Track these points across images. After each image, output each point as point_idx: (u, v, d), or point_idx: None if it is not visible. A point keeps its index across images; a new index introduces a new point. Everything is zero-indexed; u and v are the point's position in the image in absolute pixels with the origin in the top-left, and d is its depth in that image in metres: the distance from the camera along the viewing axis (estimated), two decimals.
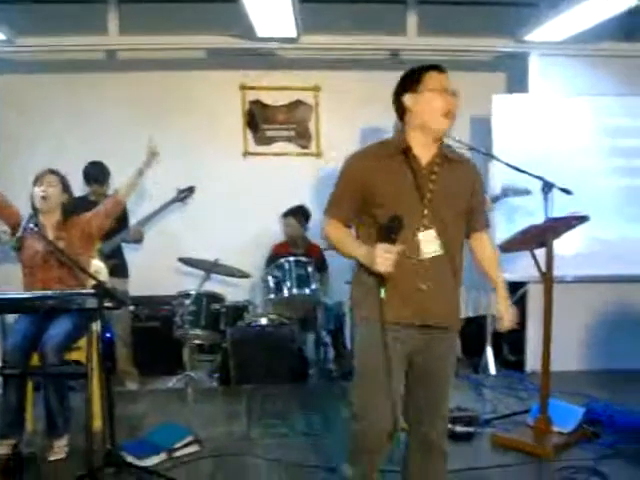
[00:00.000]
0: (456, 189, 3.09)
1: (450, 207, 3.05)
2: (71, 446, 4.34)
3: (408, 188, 3.00)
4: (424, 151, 3.05)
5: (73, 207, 4.76)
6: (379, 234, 2.87)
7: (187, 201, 6.25)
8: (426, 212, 3.00)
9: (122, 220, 6.03)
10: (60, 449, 4.29)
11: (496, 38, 6.31)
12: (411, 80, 3.06)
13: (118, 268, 5.84)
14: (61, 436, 4.31)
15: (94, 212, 4.83)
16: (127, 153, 6.43)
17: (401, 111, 3.10)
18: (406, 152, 3.04)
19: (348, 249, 3.07)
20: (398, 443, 3.16)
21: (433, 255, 3.00)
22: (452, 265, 3.10)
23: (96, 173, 5.99)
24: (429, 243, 3.00)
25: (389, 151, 3.07)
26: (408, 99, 3.04)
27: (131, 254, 6.23)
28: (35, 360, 4.33)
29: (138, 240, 6.17)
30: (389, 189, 3.00)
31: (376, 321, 2.90)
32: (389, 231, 2.84)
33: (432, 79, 3.02)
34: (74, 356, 4.52)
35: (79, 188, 5.88)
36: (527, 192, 5.23)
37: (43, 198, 4.53)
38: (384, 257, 2.82)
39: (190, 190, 6.21)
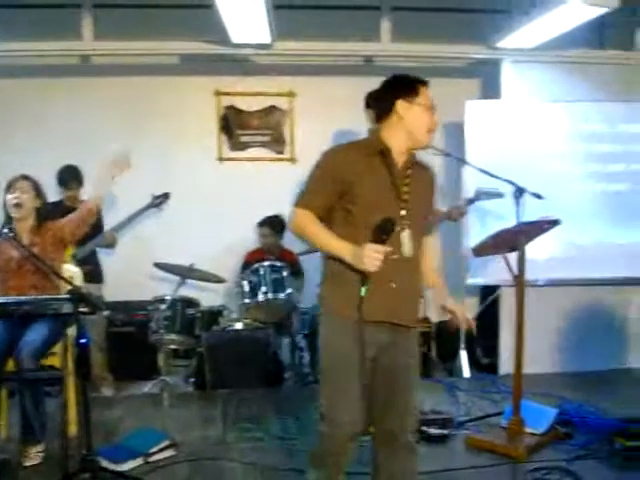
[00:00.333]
0: (423, 193, 3.20)
1: (419, 209, 3.14)
2: (47, 451, 4.32)
3: (386, 188, 3.06)
4: (399, 155, 3.12)
5: (47, 212, 4.75)
6: (372, 234, 2.88)
7: (162, 207, 6.25)
8: (403, 213, 3.06)
9: (96, 226, 6.02)
10: (36, 455, 4.24)
11: (469, 45, 6.39)
12: (408, 88, 3.12)
13: (93, 274, 5.83)
14: (38, 442, 4.27)
15: (68, 219, 4.79)
16: (101, 158, 6.45)
17: (385, 112, 3.16)
18: (384, 153, 3.10)
19: (326, 243, 3.05)
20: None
21: (411, 254, 3.07)
22: (419, 265, 3.20)
23: (70, 176, 5.97)
24: (409, 243, 3.07)
25: (368, 150, 3.11)
26: (401, 105, 3.10)
27: (106, 259, 6.22)
28: (10, 366, 4.31)
29: (110, 245, 6.15)
30: (369, 187, 3.03)
31: (346, 318, 2.99)
32: (382, 231, 2.87)
33: (424, 94, 3.12)
34: (49, 361, 4.49)
35: (53, 193, 5.88)
36: (499, 195, 5.30)
37: (16, 205, 4.50)
38: (373, 257, 2.86)
39: (165, 196, 6.22)
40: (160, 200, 6.19)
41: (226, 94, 6.94)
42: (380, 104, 3.21)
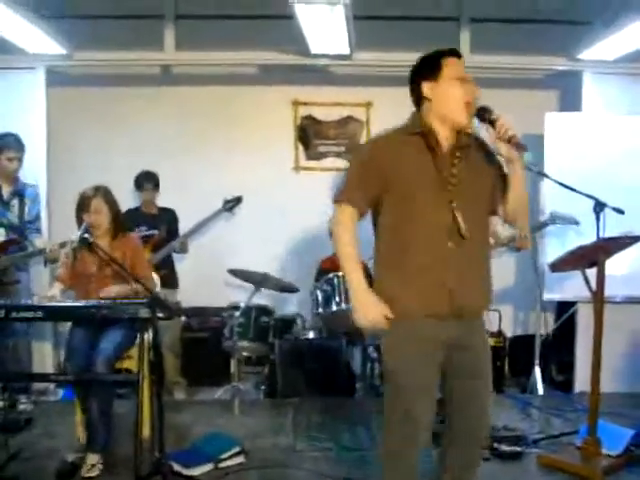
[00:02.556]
0: (482, 172, 3.03)
1: (477, 191, 2.99)
2: (117, 454, 4.39)
3: (430, 172, 2.91)
4: (443, 139, 2.96)
5: (124, 220, 4.82)
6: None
7: (234, 211, 6.30)
8: (451, 197, 2.91)
9: (172, 231, 6.13)
10: (92, 467, 4.21)
11: (549, 56, 6.31)
12: (430, 67, 2.96)
13: (167, 279, 5.93)
14: (96, 452, 4.27)
15: (144, 264, 4.77)
16: (178, 165, 6.56)
17: (418, 99, 3.03)
18: (425, 134, 2.95)
19: (347, 270, 2.98)
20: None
21: (467, 236, 2.90)
22: (478, 252, 3.02)
23: (146, 180, 6.12)
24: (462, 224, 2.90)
25: (409, 133, 2.97)
26: (427, 88, 2.96)
27: (182, 265, 6.32)
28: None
29: (182, 250, 6.24)
30: (409, 177, 2.91)
31: (417, 316, 2.90)
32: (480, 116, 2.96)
33: (451, 66, 2.94)
34: (125, 364, 4.59)
35: (130, 198, 6.03)
36: (575, 222, 5.19)
37: (94, 227, 4.49)
38: (373, 313, 2.88)
39: (237, 200, 6.27)
40: (232, 204, 6.25)
41: (304, 104, 6.98)
42: (411, 92, 3.05)
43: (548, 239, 5.94)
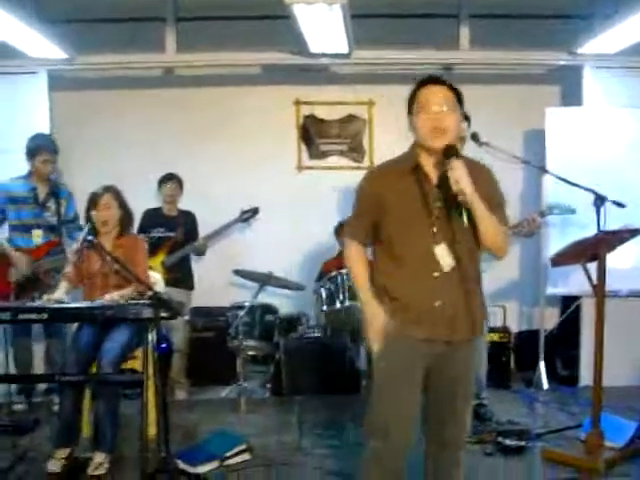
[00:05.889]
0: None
1: (460, 223, 2.97)
2: (124, 453, 4.43)
3: (417, 206, 3.01)
4: (435, 167, 3.05)
5: (129, 221, 4.84)
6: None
7: (250, 222, 6.35)
8: (435, 229, 2.99)
9: (191, 234, 6.15)
10: (100, 465, 4.24)
11: (550, 51, 6.31)
12: (409, 100, 3.09)
13: (182, 280, 5.98)
14: (103, 451, 4.29)
15: (143, 266, 4.76)
16: (180, 166, 6.56)
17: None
18: (415, 169, 3.05)
19: (359, 288, 3.17)
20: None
21: (448, 269, 3.00)
22: (466, 278, 3.06)
23: (170, 178, 6.20)
24: (447, 257, 2.99)
25: (402, 168, 3.08)
26: (409, 119, 3.09)
27: None
28: (94, 369, 4.43)
29: (201, 253, 6.28)
30: (399, 208, 3.03)
31: (396, 335, 3.03)
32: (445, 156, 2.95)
33: (419, 96, 3.03)
34: (130, 365, 4.61)
35: (147, 200, 6.12)
36: (572, 211, 5.20)
37: (103, 223, 4.58)
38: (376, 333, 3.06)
39: (254, 211, 6.32)
40: (248, 215, 6.30)
41: (306, 103, 6.99)
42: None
43: (551, 231, 5.93)
